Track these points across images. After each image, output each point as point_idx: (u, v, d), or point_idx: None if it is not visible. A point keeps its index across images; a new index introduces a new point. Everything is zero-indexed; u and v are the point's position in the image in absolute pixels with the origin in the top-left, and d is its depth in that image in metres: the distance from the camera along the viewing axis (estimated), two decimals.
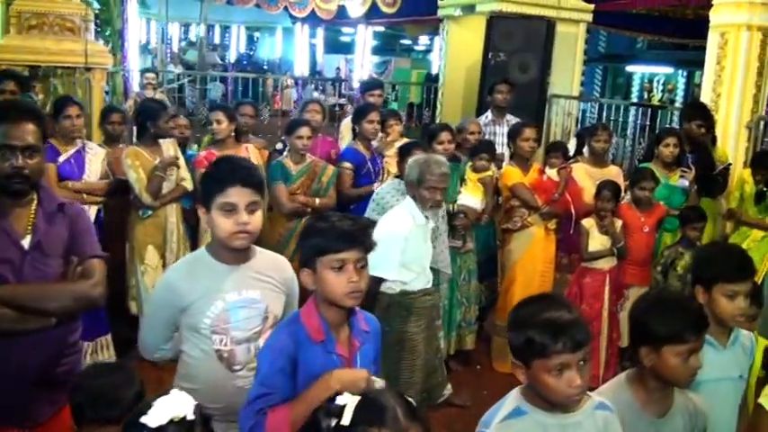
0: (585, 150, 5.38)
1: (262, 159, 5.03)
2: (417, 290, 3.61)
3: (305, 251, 2.10)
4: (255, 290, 2.33)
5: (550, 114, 7.97)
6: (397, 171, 4.37)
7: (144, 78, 8.78)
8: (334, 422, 1.45)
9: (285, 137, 4.94)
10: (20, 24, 6.72)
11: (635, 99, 16.01)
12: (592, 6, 8.11)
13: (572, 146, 6.09)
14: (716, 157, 5.42)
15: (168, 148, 4.70)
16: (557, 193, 4.89)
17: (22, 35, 6.60)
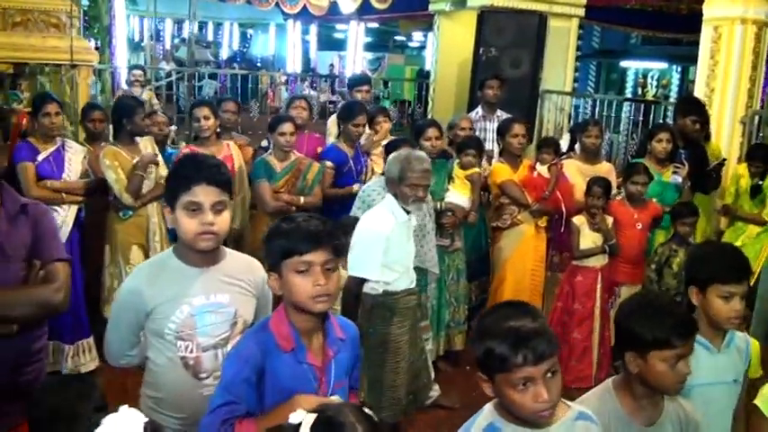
0: (577, 147, 5.29)
1: (244, 157, 4.92)
2: (401, 290, 3.51)
3: (270, 254, 2.00)
4: (224, 293, 2.22)
5: (543, 110, 7.93)
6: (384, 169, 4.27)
7: (131, 76, 8.62)
8: None
9: (268, 134, 4.83)
10: (4, 21, 6.58)
11: (629, 95, 15.94)
12: (584, 1, 8.05)
13: (565, 142, 6.00)
14: (709, 152, 5.35)
15: (146, 145, 4.58)
16: (547, 191, 4.81)
17: (7, 32, 6.47)
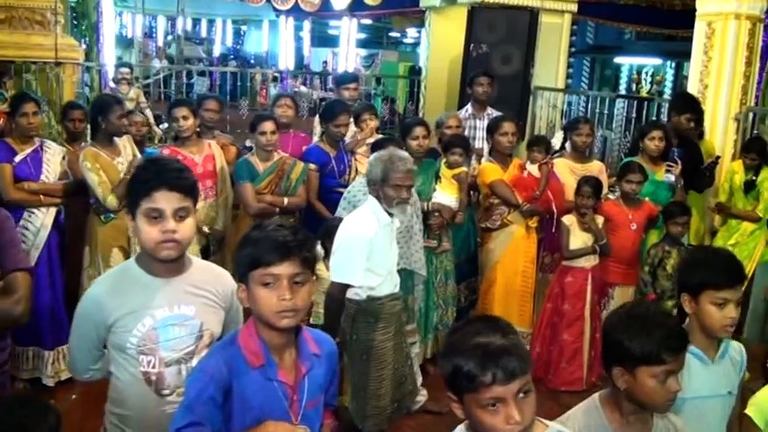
0: (567, 145, 5.18)
1: (227, 156, 4.79)
2: (385, 295, 3.40)
3: (238, 264, 1.89)
4: (189, 305, 2.11)
5: (535, 107, 7.82)
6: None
7: (118, 73, 8.45)
8: None
9: (249, 133, 4.70)
10: None
11: (623, 91, 15.83)
12: None
13: (558, 139, 5.88)
14: (703, 150, 5.27)
15: (125, 145, 4.44)
16: (538, 190, 4.70)
17: None
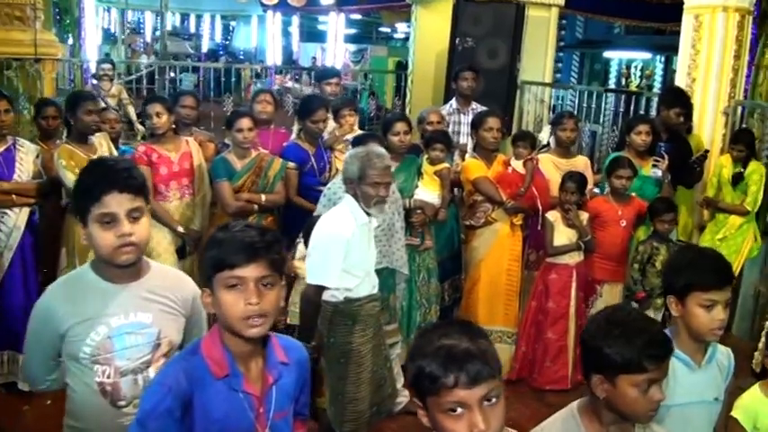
0: (551, 140, 5.09)
1: (205, 153, 4.67)
2: (363, 296, 3.30)
3: (203, 267, 1.78)
4: (146, 312, 2.00)
5: (522, 102, 7.73)
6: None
7: (99, 69, 8.29)
8: None
9: (226, 131, 4.58)
10: None
11: (612, 85, 15.76)
12: None
13: (546, 134, 5.78)
14: (692, 145, 5.19)
15: (101, 143, 4.33)
16: (522, 187, 4.60)
17: None
